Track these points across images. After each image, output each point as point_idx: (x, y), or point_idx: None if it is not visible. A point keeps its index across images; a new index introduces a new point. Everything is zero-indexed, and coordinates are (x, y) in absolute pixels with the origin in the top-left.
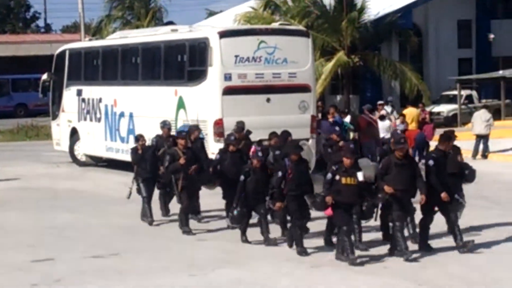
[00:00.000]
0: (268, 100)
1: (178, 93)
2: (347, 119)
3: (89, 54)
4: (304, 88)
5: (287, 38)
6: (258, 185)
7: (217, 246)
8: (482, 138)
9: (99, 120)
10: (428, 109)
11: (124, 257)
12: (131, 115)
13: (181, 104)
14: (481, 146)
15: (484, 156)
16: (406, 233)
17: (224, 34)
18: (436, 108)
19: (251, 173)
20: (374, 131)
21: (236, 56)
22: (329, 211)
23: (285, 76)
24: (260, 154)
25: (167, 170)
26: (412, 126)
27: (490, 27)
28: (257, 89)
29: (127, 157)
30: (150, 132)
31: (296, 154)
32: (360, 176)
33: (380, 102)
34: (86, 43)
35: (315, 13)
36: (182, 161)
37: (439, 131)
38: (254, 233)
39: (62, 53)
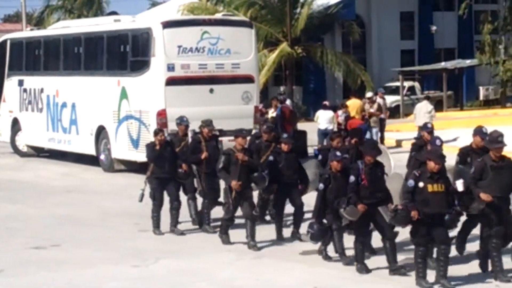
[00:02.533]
0: (211, 90)
1: (121, 83)
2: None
3: (30, 44)
4: (247, 79)
5: (231, 28)
6: (339, 193)
7: (160, 237)
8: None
9: (41, 110)
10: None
11: (66, 248)
12: (73, 106)
13: (124, 95)
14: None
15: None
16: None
17: (167, 25)
18: (379, 99)
19: (331, 180)
20: (295, 120)
21: (179, 47)
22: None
23: (228, 66)
24: (338, 153)
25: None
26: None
27: (432, 19)
28: (201, 79)
29: (69, 148)
30: (92, 122)
31: (371, 156)
32: (460, 186)
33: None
34: (27, 33)
35: (259, 4)
36: (241, 156)
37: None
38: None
39: (3, 43)
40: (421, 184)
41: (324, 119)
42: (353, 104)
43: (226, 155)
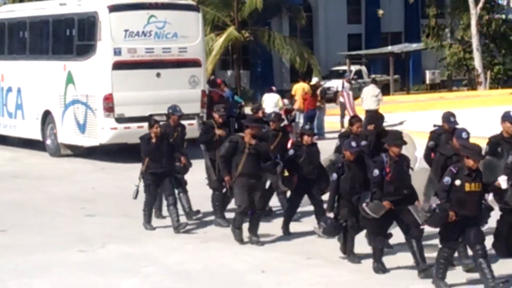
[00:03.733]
0: (158, 75)
1: (67, 68)
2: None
3: None
4: (194, 63)
5: (177, 12)
6: (355, 183)
7: (107, 222)
8: (370, 113)
9: None
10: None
11: (12, 234)
12: (19, 90)
13: (70, 79)
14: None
15: None
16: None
17: (113, 8)
18: (327, 83)
19: (345, 169)
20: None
21: (126, 31)
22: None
23: (175, 50)
24: (353, 144)
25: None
26: (301, 101)
27: (379, 3)
28: (147, 63)
29: (15, 133)
30: (37, 107)
31: (397, 147)
32: (504, 183)
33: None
34: None
35: None
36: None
37: (330, 106)
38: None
39: None
40: (458, 182)
41: (269, 103)
42: (301, 87)
43: (233, 142)
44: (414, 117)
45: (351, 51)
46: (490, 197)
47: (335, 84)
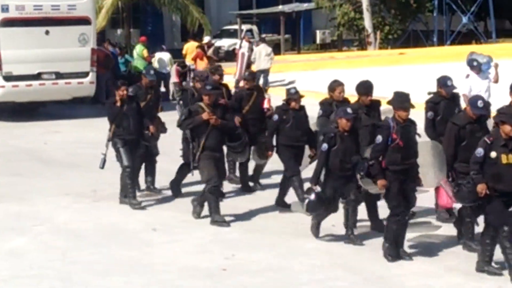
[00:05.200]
0: (47, 32)
1: None
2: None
3: None
4: (83, 21)
5: None
6: (346, 157)
7: None
8: (263, 72)
9: None
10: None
11: None
12: None
13: None
14: (261, 80)
15: (264, 89)
16: None
17: None
18: (218, 43)
19: (337, 140)
20: (110, 64)
21: None
22: (447, 202)
23: (64, 8)
24: (349, 110)
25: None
26: (189, 59)
27: None
28: (36, 21)
29: None
30: None
31: (405, 111)
32: None
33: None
34: None
35: None
36: (205, 115)
37: (226, 65)
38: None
39: None
40: (493, 154)
41: (160, 62)
42: (191, 46)
43: (191, 111)
44: (304, 76)
45: (242, 10)
46: None
47: (226, 43)
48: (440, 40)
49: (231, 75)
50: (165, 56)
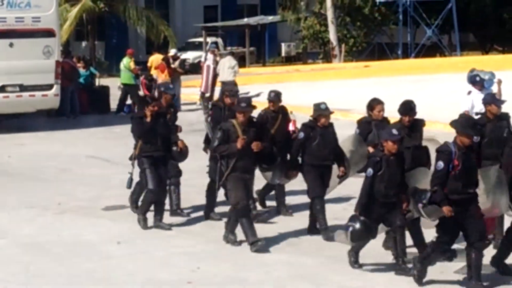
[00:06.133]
0: (11, 44)
1: None
2: None
3: None
4: (48, 33)
5: None
6: (392, 182)
7: None
8: (227, 85)
9: None
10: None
11: None
12: None
13: None
14: None
15: None
16: None
17: None
18: (183, 55)
19: (382, 164)
20: (75, 76)
21: None
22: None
23: (28, 20)
24: (395, 132)
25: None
26: (154, 72)
27: None
28: (0, 33)
29: None
30: None
31: (468, 137)
32: None
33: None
34: None
35: None
36: (239, 143)
37: (191, 77)
38: None
39: None
40: None
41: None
42: (156, 59)
43: (224, 130)
44: (270, 89)
45: (207, 23)
46: None
47: (191, 55)
48: (404, 52)
49: (197, 88)
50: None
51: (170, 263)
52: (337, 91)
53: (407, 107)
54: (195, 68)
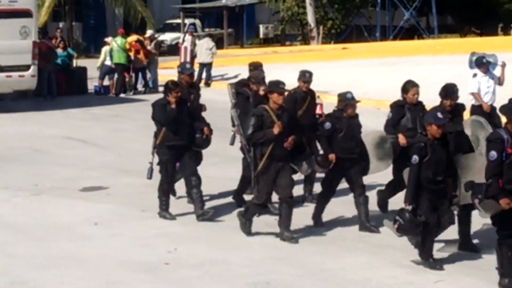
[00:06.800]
0: None
1: None
2: None
3: None
4: (25, 13)
5: None
6: (439, 167)
7: None
8: (206, 66)
9: None
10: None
11: None
12: None
13: None
14: (204, 74)
15: (207, 84)
16: None
17: None
18: (161, 37)
19: (428, 149)
20: (52, 57)
21: None
22: None
23: (5, 0)
24: (440, 115)
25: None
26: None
27: None
28: None
29: None
30: None
31: None
32: None
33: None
34: None
35: None
36: (276, 129)
37: (168, 58)
38: None
39: None
40: None
41: (110, 55)
42: (133, 39)
43: (258, 116)
44: (247, 71)
45: (185, 4)
46: None
47: (169, 37)
48: (382, 35)
49: (174, 69)
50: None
51: (147, 244)
52: (315, 73)
53: (449, 90)
54: (173, 50)
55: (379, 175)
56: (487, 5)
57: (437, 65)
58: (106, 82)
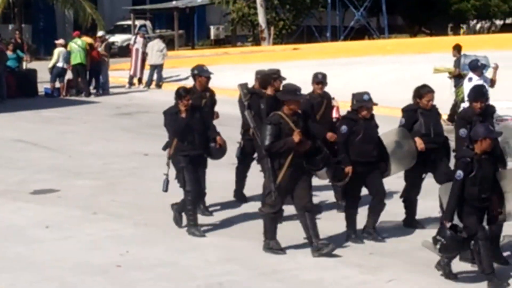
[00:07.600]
0: None
1: None
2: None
3: None
4: None
5: None
6: (484, 184)
7: None
8: (156, 68)
9: None
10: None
11: None
12: None
13: None
14: (155, 76)
15: (158, 85)
16: None
17: None
18: (111, 38)
19: (474, 165)
20: (3, 59)
21: None
22: None
23: None
24: (491, 128)
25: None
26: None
27: None
28: None
29: None
30: None
31: None
32: None
33: (99, 34)
34: None
35: None
36: (297, 137)
37: (119, 60)
38: None
39: None
40: None
41: (62, 57)
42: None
43: (275, 124)
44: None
45: (135, 5)
46: None
47: (119, 38)
48: (333, 35)
49: (125, 71)
50: (63, 51)
51: (99, 247)
52: None
53: (479, 92)
54: (123, 51)
55: (394, 182)
56: (437, 5)
57: (388, 65)
58: (57, 84)
